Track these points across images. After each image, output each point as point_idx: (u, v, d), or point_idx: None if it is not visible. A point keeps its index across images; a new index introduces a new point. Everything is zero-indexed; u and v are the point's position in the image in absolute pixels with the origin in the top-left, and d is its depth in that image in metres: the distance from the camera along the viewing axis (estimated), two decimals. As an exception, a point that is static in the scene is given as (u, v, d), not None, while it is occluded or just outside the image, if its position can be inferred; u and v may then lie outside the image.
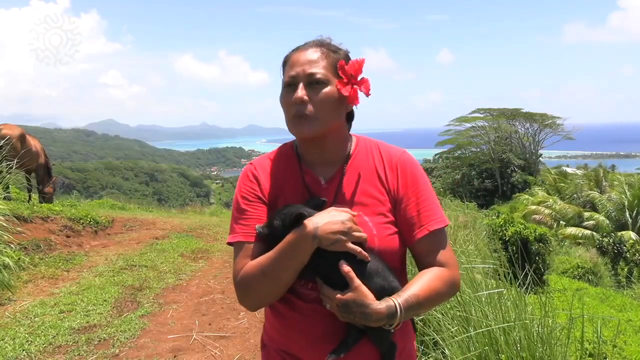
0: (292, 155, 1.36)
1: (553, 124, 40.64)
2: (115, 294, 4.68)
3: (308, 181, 1.31)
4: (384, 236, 1.25)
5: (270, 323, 1.37)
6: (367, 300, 1.12)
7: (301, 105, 1.24)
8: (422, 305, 1.17)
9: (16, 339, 3.53)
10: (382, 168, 1.32)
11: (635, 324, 5.15)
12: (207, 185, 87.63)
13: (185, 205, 18.24)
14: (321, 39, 1.32)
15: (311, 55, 1.27)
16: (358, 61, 1.28)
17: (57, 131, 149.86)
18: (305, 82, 1.25)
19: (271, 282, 1.19)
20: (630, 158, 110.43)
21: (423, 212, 1.26)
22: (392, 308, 1.12)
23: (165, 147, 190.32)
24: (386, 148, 1.36)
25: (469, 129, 41.60)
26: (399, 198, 1.29)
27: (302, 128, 1.25)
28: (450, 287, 1.23)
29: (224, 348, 3.55)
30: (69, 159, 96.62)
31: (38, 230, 6.49)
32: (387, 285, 1.17)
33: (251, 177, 1.34)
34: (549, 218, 19.61)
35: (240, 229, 1.29)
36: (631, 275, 12.09)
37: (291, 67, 1.27)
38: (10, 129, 7.88)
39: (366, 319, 1.12)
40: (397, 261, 1.28)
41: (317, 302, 1.23)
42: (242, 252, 1.27)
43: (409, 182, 1.30)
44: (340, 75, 1.27)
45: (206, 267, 6.20)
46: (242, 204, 1.31)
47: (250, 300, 1.25)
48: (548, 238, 8.38)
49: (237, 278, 1.25)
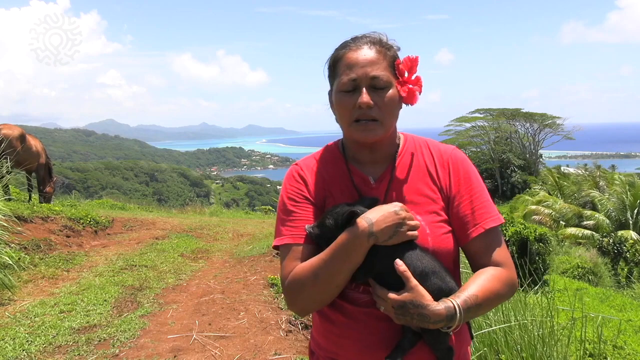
0: (339, 155, 1.32)
1: (553, 124, 40.65)
2: (115, 294, 4.68)
3: (357, 181, 1.27)
4: (437, 235, 1.20)
5: (318, 330, 1.31)
6: (424, 300, 1.07)
7: (367, 110, 1.18)
8: (481, 306, 1.11)
9: (16, 339, 3.53)
10: (433, 165, 1.28)
11: (635, 324, 5.15)
12: (207, 185, 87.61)
13: (185, 205, 18.22)
14: (374, 35, 1.25)
15: (369, 54, 1.20)
16: (411, 59, 1.23)
17: (57, 131, 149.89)
18: (367, 85, 1.19)
19: (324, 285, 1.14)
20: (630, 158, 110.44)
21: (477, 209, 1.22)
22: (451, 309, 1.07)
23: (165, 147, 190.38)
24: (436, 145, 1.33)
25: (469, 129, 41.61)
26: (452, 196, 1.25)
27: (367, 133, 1.20)
28: (508, 287, 1.18)
29: (224, 348, 3.55)
30: (69, 159, 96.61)
31: (38, 230, 6.49)
32: (444, 286, 1.12)
33: (298, 178, 1.29)
34: (549, 218, 19.60)
35: (287, 231, 1.23)
36: (631, 275, 12.09)
37: (349, 68, 1.20)
38: (10, 128, 7.89)
39: (424, 321, 1.07)
40: (451, 261, 1.23)
41: (369, 305, 1.18)
42: (291, 255, 1.21)
43: (461, 180, 1.25)
44: (397, 75, 1.23)
45: (206, 267, 6.19)
46: (289, 205, 1.26)
47: (300, 304, 1.19)
48: (548, 238, 8.38)
49: (287, 282, 1.19)
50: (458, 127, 42.62)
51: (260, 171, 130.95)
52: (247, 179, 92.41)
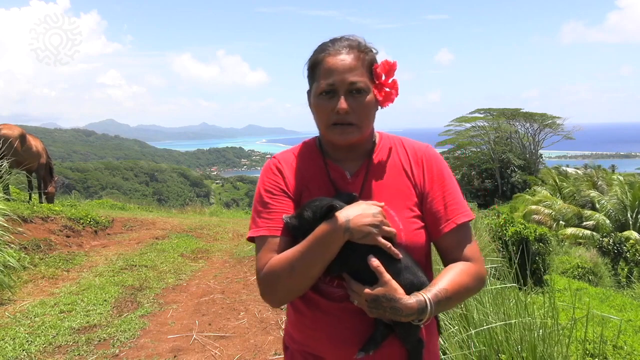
0: (316, 150, 1.35)
1: (553, 124, 40.64)
2: (115, 294, 4.68)
3: (333, 176, 1.29)
4: (410, 231, 1.23)
5: (293, 324, 1.33)
6: (397, 294, 1.10)
7: (344, 115, 1.21)
8: (450, 299, 1.15)
9: (16, 339, 3.53)
10: (408, 162, 1.31)
11: (635, 324, 5.14)
12: (207, 185, 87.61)
13: (185, 205, 18.22)
14: (350, 39, 1.27)
15: (348, 60, 1.22)
16: (389, 63, 1.25)
17: (57, 131, 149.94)
18: (345, 90, 1.21)
19: (299, 276, 1.16)
20: (630, 158, 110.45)
21: (450, 206, 1.25)
22: (422, 303, 1.10)
23: (165, 147, 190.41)
24: (410, 143, 1.36)
25: (469, 129, 41.61)
26: (425, 192, 1.28)
27: (344, 137, 1.24)
28: (477, 281, 1.22)
29: (224, 348, 3.55)
30: (69, 159, 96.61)
31: (38, 230, 6.49)
32: (416, 280, 1.16)
33: (275, 171, 1.31)
34: (549, 218, 19.60)
35: (263, 223, 1.25)
36: (631, 275, 12.08)
37: (328, 73, 1.22)
38: (10, 128, 7.87)
39: (396, 314, 1.10)
40: (423, 256, 1.26)
41: (343, 300, 1.21)
42: (267, 247, 1.22)
43: (435, 177, 1.29)
44: (375, 79, 1.25)
45: (206, 267, 6.19)
46: (266, 197, 1.28)
47: (275, 295, 1.21)
48: (548, 238, 8.37)
49: (262, 272, 1.21)
50: (458, 127, 42.63)
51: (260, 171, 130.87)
52: (247, 179, 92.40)
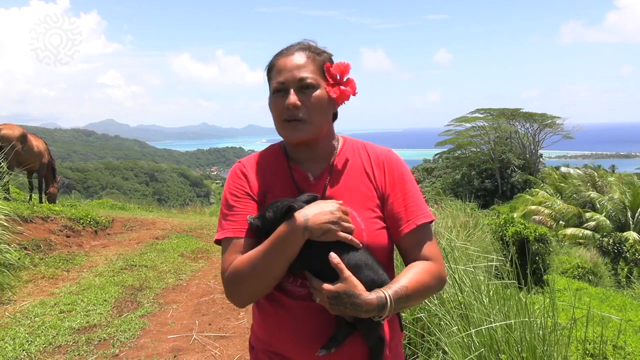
0: (281, 154, 1.38)
1: (553, 124, 40.61)
2: (115, 294, 4.68)
3: (297, 178, 1.33)
4: (372, 231, 1.26)
5: (258, 324, 1.36)
6: (357, 290, 1.12)
7: (294, 110, 1.26)
8: (410, 297, 1.18)
9: (16, 339, 3.53)
10: (370, 165, 1.35)
11: (635, 324, 5.14)
12: (207, 185, 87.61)
13: (185, 205, 18.24)
14: (305, 42, 1.33)
15: (298, 59, 1.28)
16: (343, 64, 1.30)
17: (57, 131, 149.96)
18: (295, 87, 1.26)
19: (261, 276, 1.19)
20: (630, 158, 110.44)
21: (409, 207, 1.29)
22: (382, 299, 1.12)
23: (165, 147, 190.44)
24: (372, 147, 1.40)
25: (469, 129, 41.57)
26: (387, 194, 1.32)
27: (295, 132, 1.28)
28: (437, 280, 1.25)
29: (224, 348, 3.55)
30: (69, 159, 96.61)
31: (38, 230, 6.49)
32: (376, 278, 1.18)
33: (240, 175, 1.35)
34: (549, 218, 19.59)
35: (228, 225, 1.29)
36: (631, 275, 12.08)
37: (279, 73, 1.28)
38: (11, 128, 7.87)
39: (357, 310, 1.12)
40: (385, 256, 1.29)
41: (306, 299, 1.23)
42: (231, 248, 1.26)
43: (395, 179, 1.33)
44: (327, 77, 1.30)
45: (206, 267, 6.20)
46: (231, 200, 1.32)
47: (239, 295, 1.24)
48: (548, 238, 8.36)
49: (226, 273, 1.23)
50: (458, 127, 42.58)
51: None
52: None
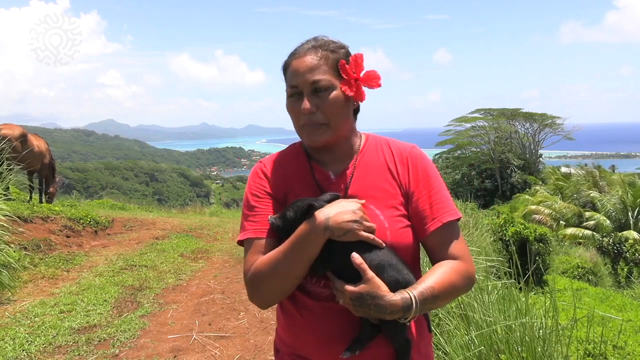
0: (301, 153, 1.36)
1: (553, 124, 40.59)
2: (115, 294, 4.68)
3: (318, 177, 1.30)
4: (396, 229, 1.23)
5: (282, 327, 1.33)
6: (381, 291, 1.09)
7: (310, 115, 1.23)
8: (437, 298, 1.13)
9: (16, 339, 3.53)
10: (393, 162, 1.31)
11: (635, 324, 5.14)
12: (207, 185, 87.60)
13: (185, 205, 18.24)
14: (318, 40, 1.29)
15: (311, 61, 1.24)
16: (356, 56, 1.26)
17: (57, 131, 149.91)
18: (309, 90, 1.23)
19: (282, 276, 1.17)
20: (630, 158, 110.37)
21: (435, 204, 1.25)
22: (407, 300, 1.09)
23: (165, 147, 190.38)
24: (395, 143, 1.36)
25: (469, 129, 41.55)
26: (411, 192, 1.28)
27: (315, 137, 1.25)
28: (466, 279, 1.20)
29: (224, 348, 3.55)
30: (69, 159, 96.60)
31: (38, 230, 6.49)
32: (401, 278, 1.14)
33: (261, 175, 1.33)
34: (549, 218, 19.58)
35: (250, 226, 1.27)
36: (631, 275, 12.08)
37: (292, 76, 1.25)
38: (11, 128, 7.86)
39: (381, 312, 1.09)
40: (410, 255, 1.25)
41: (329, 300, 1.20)
42: (253, 249, 1.24)
43: (420, 176, 1.29)
44: (343, 75, 1.25)
45: (206, 267, 6.20)
46: (252, 200, 1.30)
47: (261, 296, 1.22)
48: (548, 238, 8.37)
49: (248, 274, 1.22)
50: (458, 127, 42.56)
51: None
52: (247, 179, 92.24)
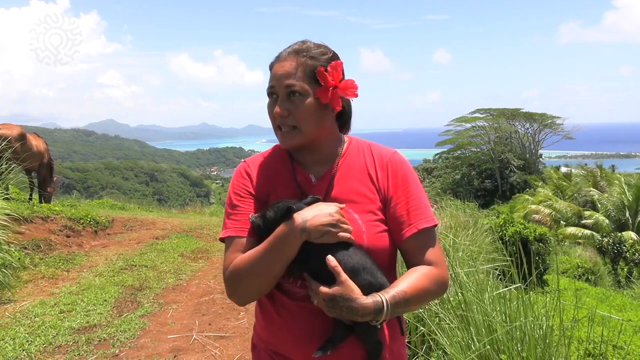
0: (285, 154, 1.38)
1: (553, 124, 40.62)
2: (115, 294, 4.68)
3: (299, 179, 1.33)
4: (373, 233, 1.25)
5: (259, 323, 1.37)
6: (353, 294, 1.12)
7: (282, 118, 1.26)
8: (409, 302, 1.16)
9: (16, 339, 3.53)
10: (373, 167, 1.34)
11: (635, 324, 5.14)
12: (207, 185, 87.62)
13: (185, 205, 18.24)
14: (300, 45, 1.30)
15: (288, 66, 1.26)
16: (335, 64, 1.27)
17: (57, 131, 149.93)
18: (283, 94, 1.26)
19: (260, 275, 1.19)
20: (630, 158, 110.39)
21: (412, 211, 1.28)
22: (379, 303, 1.12)
23: (165, 147, 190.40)
24: (377, 148, 1.39)
25: (469, 129, 41.58)
26: (389, 197, 1.30)
27: (285, 140, 1.29)
28: (438, 285, 1.23)
29: (224, 348, 3.55)
30: (69, 159, 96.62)
31: (38, 230, 6.49)
32: (374, 281, 1.17)
33: (244, 174, 1.36)
34: (549, 218, 19.59)
35: (232, 224, 1.30)
36: (631, 275, 12.08)
37: (271, 78, 1.29)
38: (9, 128, 7.85)
39: (353, 314, 1.12)
40: (386, 260, 1.28)
41: (305, 299, 1.23)
42: (233, 247, 1.27)
43: (399, 182, 1.31)
44: (321, 82, 1.26)
45: (206, 267, 6.20)
46: (235, 199, 1.33)
47: (239, 294, 1.25)
48: (548, 238, 8.36)
49: (227, 272, 1.25)
50: (458, 127, 42.59)
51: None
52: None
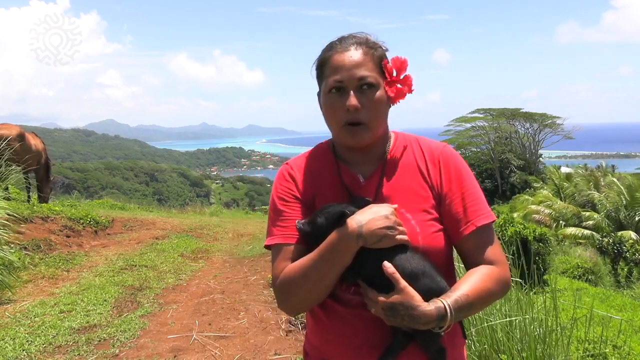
0: (329, 154, 1.31)
1: (553, 124, 40.63)
2: (115, 294, 4.68)
3: (346, 180, 1.26)
4: (428, 234, 1.19)
5: (312, 330, 1.31)
6: (414, 302, 1.06)
7: (355, 113, 1.18)
8: (473, 305, 1.10)
9: (16, 339, 3.53)
10: (424, 163, 1.26)
11: (635, 324, 5.15)
12: (207, 185, 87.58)
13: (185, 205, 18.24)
14: (361, 36, 1.24)
15: (356, 56, 1.19)
16: (400, 59, 1.22)
17: (57, 131, 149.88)
18: (355, 86, 1.18)
19: (313, 285, 1.14)
20: (630, 158, 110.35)
21: (469, 207, 1.20)
22: (441, 309, 1.06)
23: (165, 147, 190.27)
24: (426, 142, 1.31)
25: (469, 129, 41.59)
26: (443, 194, 1.23)
27: (356, 137, 1.20)
28: (501, 285, 1.17)
29: (224, 348, 3.55)
30: (69, 159, 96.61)
31: (38, 230, 6.49)
32: (434, 286, 1.11)
33: (288, 177, 1.29)
34: (549, 218, 19.60)
35: (278, 231, 1.23)
36: (631, 275, 12.08)
37: (335, 70, 1.19)
38: (8, 128, 7.85)
39: (414, 322, 1.06)
40: (442, 260, 1.21)
41: (360, 307, 1.17)
42: (282, 255, 1.21)
43: (452, 177, 1.24)
44: (386, 75, 1.22)
45: (206, 267, 6.19)
46: (279, 204, 1.26)
47: (291, 304, 1.20)
48: (548, 238, 8.37)
49: (277, 282, 1.19)
50: (458, 127, 42.61)
51: (260, 171, 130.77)
52: (247, 179, 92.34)
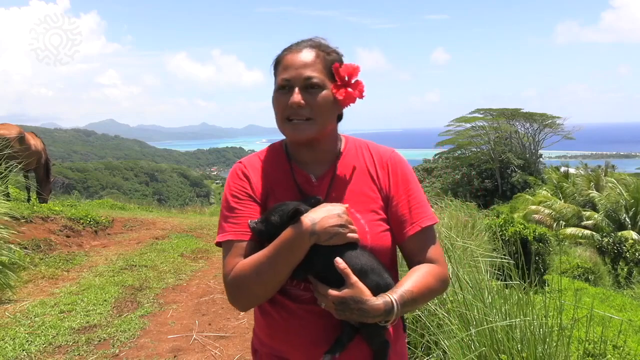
0: (282, 154, 1.35)
1: (553, 124, 40.61)
2: (115, 294, 4.68)
3: (299, 180, 1.30)
4: (376, 233, 1.25)
5: (260, 327, 1.34)
6: (364, 296, 1.12)
7: (298, 109, 1.23)
8: (416, 300, 1.18)
9: (16, 339, 3.53)
10: (373, 167, 1.33)
11: (635, 324, 5.15)
12: (207, 185, 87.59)
13: (185, 205, 18.27)
14: (316, 40, 1.30)
15: (306, 57, 1.25)
16: (353, 66, 1.28)
17: (57, 131, 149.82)
18: (301, 85, 1.24)
19: (265, 281, 1.17)
20: (630, 158, 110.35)
21: (414, 209, 1.28)
22: (389, 304, 1.12)
23: (165, 147, 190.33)
24: (376, 147, 1.38)
25: (468, 129, 41.57)
26: (390, 196, 1.30)
27: (298, 132, 1.25)
28: (441, 282, 1.25)
29: (224, 348, 3.55)
30: (69, 159, 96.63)
31: (38, 230, 6.49)
32: (382, 282, 1.18)
33: (241, 175, 1.32)
34: (549, 218, 19.59)
35: (230, 228, 1.26)
36: (631, 275, 12.08)
37: (285, 69, 1.25)
38: (7, 128, 7.84)
39: (364, 316, 1.12)
40: (388, 258, 1.28)
41: (309, 302, 1.22)
42: (233, 251, 1.24)
43: (399, 181, 1.31)
44: (335, 78, 1.27)
45: (206, 267, 6.19)
46: (232, 202, 1.29)
47: (242, 300, 1.23)
48: (548, 238, 8.37)
49: (229, 278, 1.22)
50: (458, 127, 42.56)
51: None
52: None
